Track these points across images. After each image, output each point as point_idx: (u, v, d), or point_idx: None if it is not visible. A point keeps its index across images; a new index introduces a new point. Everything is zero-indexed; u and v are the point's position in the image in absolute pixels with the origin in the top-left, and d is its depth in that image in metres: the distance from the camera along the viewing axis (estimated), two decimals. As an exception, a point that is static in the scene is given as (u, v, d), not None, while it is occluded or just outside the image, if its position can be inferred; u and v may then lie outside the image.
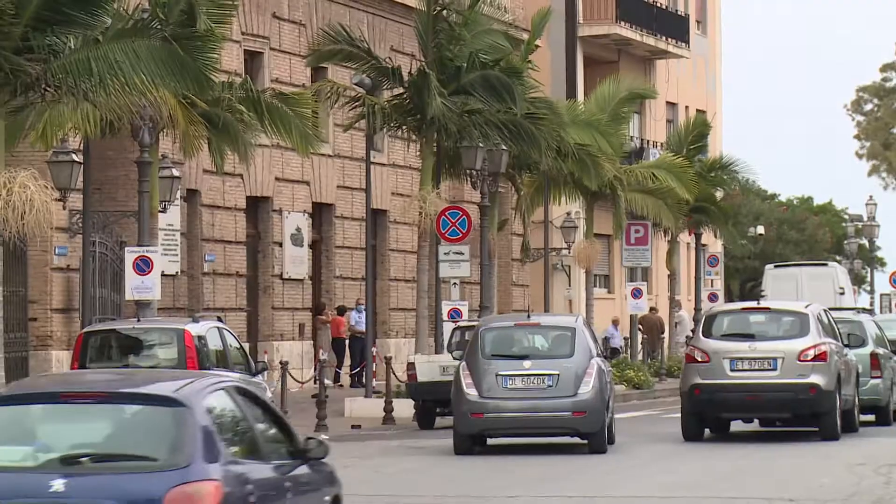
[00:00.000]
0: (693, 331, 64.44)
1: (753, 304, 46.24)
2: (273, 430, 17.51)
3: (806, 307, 42.77)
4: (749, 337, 39.26)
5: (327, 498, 17.98)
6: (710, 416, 38.43)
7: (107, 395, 17.22)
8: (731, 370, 38.08)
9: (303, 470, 17.42)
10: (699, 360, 38.21)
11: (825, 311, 43.77)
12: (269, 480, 16.80)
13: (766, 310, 42.52)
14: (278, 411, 18.12)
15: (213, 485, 15.42)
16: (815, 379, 37.89)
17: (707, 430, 39.05)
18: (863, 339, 43.83)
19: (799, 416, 39.06)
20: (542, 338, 38.34)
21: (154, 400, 16.60)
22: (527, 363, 35.65)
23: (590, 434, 35.91)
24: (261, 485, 16.36)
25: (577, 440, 36.12)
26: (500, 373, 35.44)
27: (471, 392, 34.64)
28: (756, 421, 40.83)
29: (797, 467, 31.15)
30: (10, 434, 16.51)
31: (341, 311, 55.77)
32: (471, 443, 34.67)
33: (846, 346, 41.27)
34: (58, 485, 15.32)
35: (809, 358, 38.24)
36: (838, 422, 38.11)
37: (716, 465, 33.00)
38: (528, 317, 39.86)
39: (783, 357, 38.26)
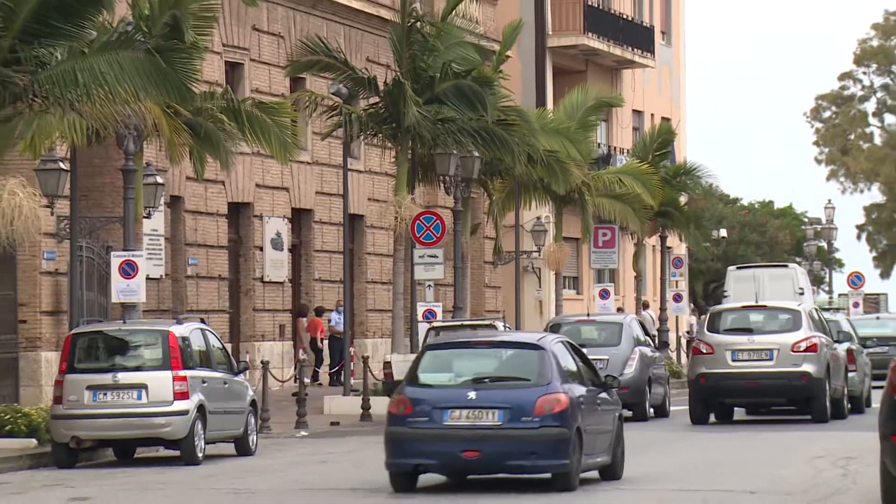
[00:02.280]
0: (659, 330, 65.30)
1: (752, 302, 47.89)
2: (586, 368, 28.93)
3: (799, 305, 47.68)
4: (748, 331, 43.04)
5: (617, 413, 29.51)
6: (714, 402, 41.52)
7: (496, 343, 30.48)
8: (733, 360, 41.86)
9: (604, 395, 28.95)
10: (704, 351, 42.09)
11: (816, 309, 49.20)
12: (588, 397, 27.97)
13: (764, 307, 46.22)
14: (587, 357, 29.65)
15: (562, 395, 26.74)
16: (807, 367, 41.64)
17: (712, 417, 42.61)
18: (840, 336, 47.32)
19: (793, 401, 42.68)
20: (597, 330, 47.92)
21: (525, 346, 29.05)
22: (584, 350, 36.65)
23: (632, 405, 43.34)
24: (584, 399, 27.70)
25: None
26: None
27: None
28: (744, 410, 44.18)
29: (762, 460, 30.97)
30: (438, 366, 28.61)
31: (319, 312, 55.80)
32: None
33: (836, 341, 45.38)
34: (472, 394, 26.98)
35: (801, 349, 41.92)
36: (828, 407, 41.57)
37: (693, 455, 32.99)
38: (588, 315, 51.47)
39: (778, 348, 41.91)
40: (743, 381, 41.73)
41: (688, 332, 72.89)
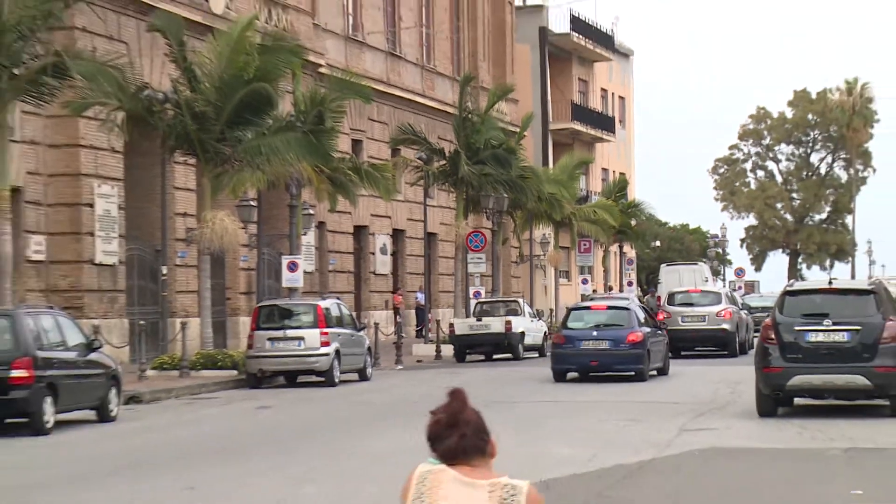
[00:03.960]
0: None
1: (694, 287, 51.50)
2: (649, 318, 33.97)
3: (720, 289, 53.56)
4: (691, 304, 44.54)
5: (665, 341, 33.93)
6: (672, 347, 39.23)
7: (606, 307, 34.28)
8: (682, 322, 42.96)
9: (659, 332, 33.61)
10: (664, 317, 41.79)
11: (731, 290, 55.07)
12: (651, 332, 32.38)
13: (700, 291, 48.19)
14: (651, 312, 35.55)
15: (639, 333, 31.61)
16: (725, 326, 43.55)
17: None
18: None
19: (716, 345, 43.59)
20: (701, 297, 45.92)
21: (619, 308, 33.74)
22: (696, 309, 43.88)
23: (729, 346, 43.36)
24: (650, 334, 32.21)
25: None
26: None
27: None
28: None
29: (680, 385, 30.75)
30: (576, 318, 33.11)
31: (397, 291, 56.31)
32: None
33: (741, 309, 47.31)
34: (595, 333, 31.62)
35: (721, 315, 43.74)
36: (737, 348, 43.46)
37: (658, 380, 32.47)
38: (696, 285, 53.59)
39: (707, 315, 43.59)
40: (688, 334, 42.72)
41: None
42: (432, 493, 5.22)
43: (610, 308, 34.55)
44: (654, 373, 32.88)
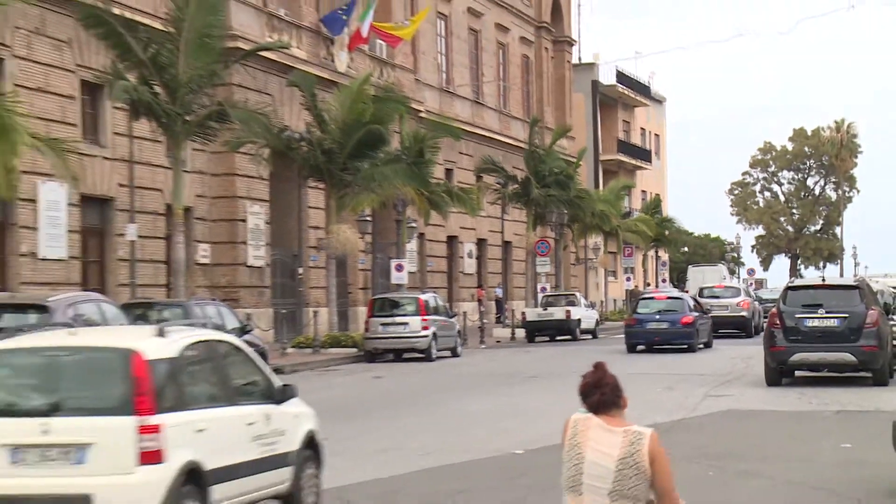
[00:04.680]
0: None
1: (718, 283, 49.43)
2: (696, 305, 34.97)
3: (739, 285, 51.97)
4: (717, 297, 42.47)
5: (710, 323, 35.24)
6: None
7: (668, 297, 35.53)
8: (711, 310, 39.02)
9: (705, 316, 35.02)
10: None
11: (747, 286, 53.47)
12: (700, 316, 33.96)
13: (723, 287, 46.13)
14: (699, 302, 35.73)
15: (690, 316, 33.30)
16: (744, 313, 41.93)
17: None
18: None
19: (737, 328, 41.47)
20: (725, 291, 43.83)
21: (675, 298, 35.45)
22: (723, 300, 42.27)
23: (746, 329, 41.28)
24: (698, 317, 33.86)
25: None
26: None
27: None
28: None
29: (706, 359, 30.53)
30: (643, 306, 34.16)
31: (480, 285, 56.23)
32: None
33: (754, 300, 45.43)
34: (657, 316, 33.19)
35: (741, 304, 42.22)
36: (752, 331, 40.93)
37: (638, 360, 31.25)
38: (716, 282, 51.32)
39: (730, 304, 41.97)
40: (716, 320, 38.00)
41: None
42: (582, 434, 5.50)
43: (669, 298, 35.82)
44: (702, 346, 33.89)
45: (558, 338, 41.94)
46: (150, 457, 8.36)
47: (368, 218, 37.76)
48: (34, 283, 25.97)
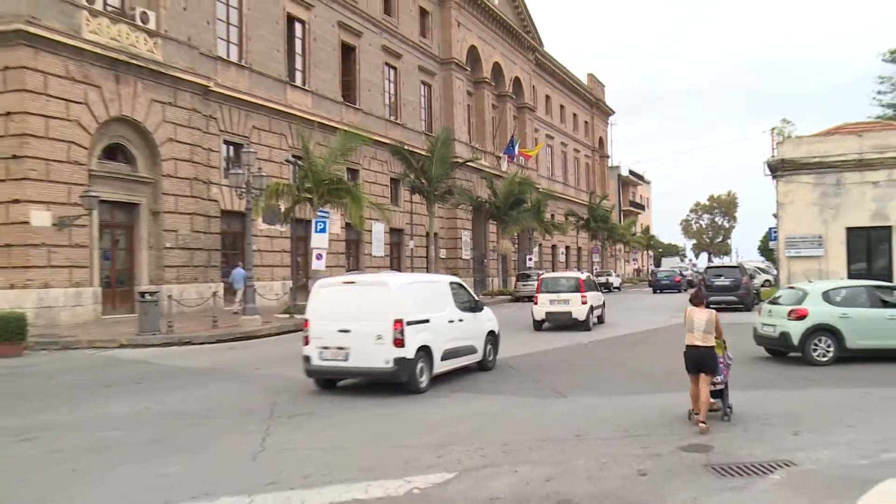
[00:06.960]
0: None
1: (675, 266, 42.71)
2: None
3: (686, 266, 43.10)
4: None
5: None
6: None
7: (669, 269, 27.00)
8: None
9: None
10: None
11: (693, 266, 42.12)
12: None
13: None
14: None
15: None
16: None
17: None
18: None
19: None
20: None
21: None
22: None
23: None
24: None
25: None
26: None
27: None
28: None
29: (677, 298, 26.41)
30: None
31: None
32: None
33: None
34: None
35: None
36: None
37: (655, 297, 27.45)
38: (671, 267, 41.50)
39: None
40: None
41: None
42: (690, 314, 6.94)
43: (669, 270, 33.06)
44: (678, 292, 30.37)
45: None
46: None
47: (516, 239, 36.28)
48: (371, 268, 25.90)
